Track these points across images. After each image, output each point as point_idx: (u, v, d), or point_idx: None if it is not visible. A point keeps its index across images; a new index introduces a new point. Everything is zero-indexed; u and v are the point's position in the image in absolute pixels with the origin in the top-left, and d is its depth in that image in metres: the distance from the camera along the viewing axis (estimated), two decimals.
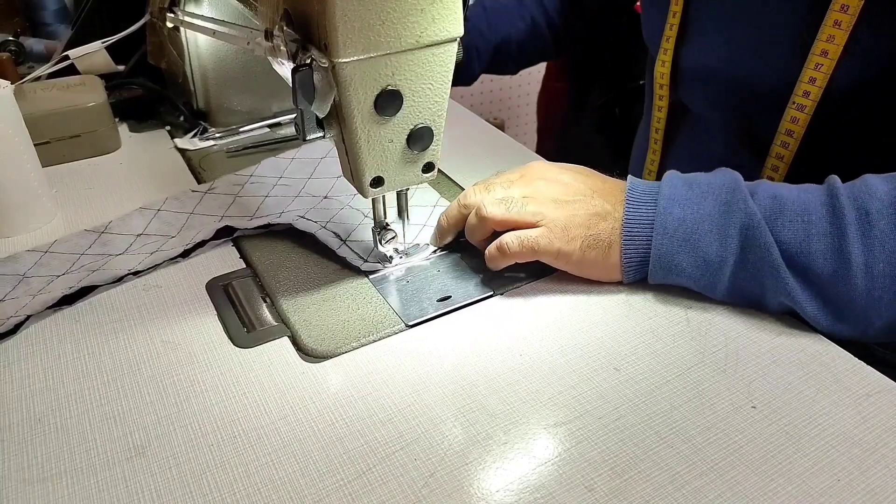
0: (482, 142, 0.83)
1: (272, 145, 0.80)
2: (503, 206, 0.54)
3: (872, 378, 0.46)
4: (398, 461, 0.41)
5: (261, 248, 0.61)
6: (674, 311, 0.52)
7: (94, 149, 0.79)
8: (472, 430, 0.43)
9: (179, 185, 0.73)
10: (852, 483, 0.39)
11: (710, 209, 0.50)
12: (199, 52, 0.80)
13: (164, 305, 0.55)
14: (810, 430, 0.43)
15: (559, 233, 0.52)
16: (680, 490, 0.39)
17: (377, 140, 0.48)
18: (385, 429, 0.43)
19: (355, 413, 0.44)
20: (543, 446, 0.42)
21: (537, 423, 0.43)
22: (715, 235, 0.49)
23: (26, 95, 0.76)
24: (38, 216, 0.66)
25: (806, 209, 0.48)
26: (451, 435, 0.43)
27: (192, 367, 0.48)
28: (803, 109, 0.60)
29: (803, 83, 0.59)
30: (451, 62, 0.48)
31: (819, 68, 0.57)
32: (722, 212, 0.49)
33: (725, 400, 0.45)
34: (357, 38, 0.43)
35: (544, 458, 0.41)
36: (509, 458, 0.41)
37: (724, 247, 0.49)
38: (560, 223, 0.52)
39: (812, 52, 0.58)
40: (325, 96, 0.46)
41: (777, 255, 0.47)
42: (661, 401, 0.45)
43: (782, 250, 0.47)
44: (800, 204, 0.48)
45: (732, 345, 0.49)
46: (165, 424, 0.44)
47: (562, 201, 0.53)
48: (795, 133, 0.61)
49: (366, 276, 0.57)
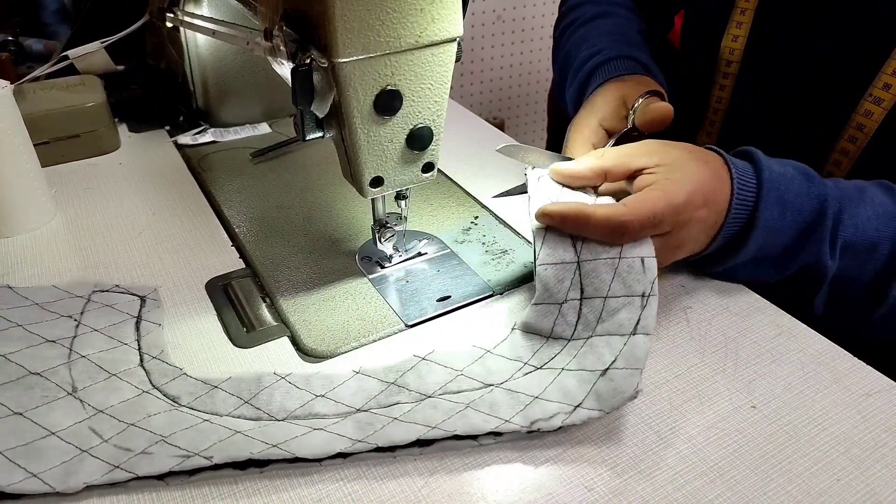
0: (482, 141, 0.83)
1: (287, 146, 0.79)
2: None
3: (872, 378, 0.46)
4: (398, 461, 0.41)
5: (261, 248, 0.61)
6: (674, 311, 0.52)
7: (94, 149, 0.79)
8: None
9: (179, 184, 0.73)
10: (852, 483, 0.39)
11: (787, 239, 0.51)
12: (199, 52, 0.80)
13: (164, 305, 0.55)
14: (810, 429, 0.43)
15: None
16: (680, 490, 0.39)
17: (377, 140, 0.48)
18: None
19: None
20: (543, 446, 0.42)
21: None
22: (778, 266, 0.52)
23: (26, 95, 0.76)
24: (38, 216, 0.66)
25: (874, 244, 0.50)
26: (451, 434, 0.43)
27: (192, 367, 0.48)
28: (880, 103, 0.57)
29: (885, 75, 0.56)
30: (451, 62, 0.48)
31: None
32: (796, 243, 0.51)
33: (725, 400, 0.45)
34: (356, 38, 0.43)
35: (544, 457, 0.41)
36: (509, 457, 0.41)
37: (780, 274, 0.53)
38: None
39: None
40: (325, 96, 0.46)
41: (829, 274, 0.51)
42: (661, 400, 0.45)
43: (837, 275, 0.51)
44: (870, 238, 0.50)
45: (732, 345, 0.49)
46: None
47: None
48: (867, 128, 0.58)
49: (365, 276, 0.57)
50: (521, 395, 0.44)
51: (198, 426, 0.43)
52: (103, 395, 0.45)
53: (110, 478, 0.39)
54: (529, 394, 0.44)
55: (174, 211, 0.68)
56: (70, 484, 0.39)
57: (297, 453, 0.40)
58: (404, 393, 0.45)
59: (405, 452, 0.41)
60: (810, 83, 0.63)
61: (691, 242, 0.50)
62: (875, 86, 0.57)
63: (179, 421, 0.43)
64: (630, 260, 0.47)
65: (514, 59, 2.10)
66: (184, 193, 0.71)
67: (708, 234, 0.50)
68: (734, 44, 0.69)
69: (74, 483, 0.39)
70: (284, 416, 0.44)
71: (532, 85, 2.17)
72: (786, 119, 0.67)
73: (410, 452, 0.41)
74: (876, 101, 0.57)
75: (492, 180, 0.73)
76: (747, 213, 0.50)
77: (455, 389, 0.45)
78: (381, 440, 0.41)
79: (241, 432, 0.42)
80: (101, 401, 0.45)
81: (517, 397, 0.44)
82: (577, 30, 0.80)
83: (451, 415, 0.42)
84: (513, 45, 2.07)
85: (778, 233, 0.50)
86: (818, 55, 0.62)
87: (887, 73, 0.56)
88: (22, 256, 0.61)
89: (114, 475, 0.39)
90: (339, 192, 0.70)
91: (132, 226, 0.66)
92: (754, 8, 0.66)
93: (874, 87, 0.57)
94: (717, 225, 0.50)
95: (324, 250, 0.61)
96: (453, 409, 0.43)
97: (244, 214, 0.66)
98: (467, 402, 0.44)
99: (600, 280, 0.47)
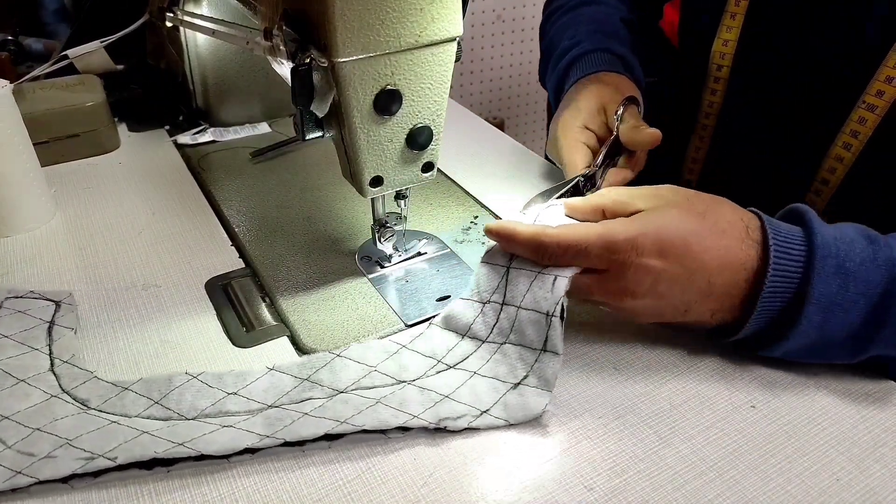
0: (481, 141, 0.83)
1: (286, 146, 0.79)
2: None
3: (871, 378, 0.46)
4: (397, 461, 0.41)
5: (260, 247, 0.61)
6: None
7: (93, 148, 0.79)
8: (472, 429, 0.43)
9: (178, 184, 0.73)
10: (852, 483, 0.39)
11: (856, 318, 0.43)
12: (199, 52, 0.80)
13: (163, 305, 0.55)
14: (810, 429, 0.43)
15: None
16: (679, 490, 0.39)
17: (376, 139, 0.48)
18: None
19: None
20: (543, 445, 0.42)
21: (537, 423, 0.43)
22: (850, 350, 0.45)
23: (25, 95, 0.76)
24: (37, 216, 0.66)
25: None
26: (451, 434, 0.43)
27: (192, 367, 0.48)
28: (874, 110, 0.55)
29: (878, 82, 0.55)
30: (451, 61, 0.48)
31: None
32: (870, 322, 0.43)
33: (725, 399, 0.45)
34: (356, 38, 0.43)
35: (544, 457, 0.41)
36: (509, 457, 0.41)
37: (854, 356, 0.45)
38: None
39: (894, 50, 0.54)
40: (325, 96, 0.46)
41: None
42: (661, 400, 0.45)
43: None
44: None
45: (732, 344, 0.49)
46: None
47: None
48: (861, 134, 0.56)
49: (365, 275, 0.57)
50: (431, 394, 0.45)
51: (105, 428, 0.42)
52: (10, 402, 0.44)
53: (12, 483, 0.39)
54: (440, 392, 0.45)
55: (174, 210, 0.68)
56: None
57: (203, 451, 0.40)
58: (317, 389, 0.45)
59: (314, 446, 0.42)
60: (802, 89, 0.63)
61: (655, 297, 0.45)
62: (868, 92, 0.56)
63: (87, 424, 0.43)
64: (545, 277, 0.45)
65: (514, 59, 2.10)
66: (183, 193, 0.71)
67: (690, 294, 0.44)
68: (725, 48, 0.68)
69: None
70: (195, 414, 0.44)
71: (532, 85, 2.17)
72: (778, 125, 0.66)
73: (319, 446, 0.42)
74: (870, 107, 0.56)
75: (492, 180, 0.73)
76: (793, 285, 0.43)
77: (368, 385, 0.46)
78: (288, 435, 0.41)
79: (149, 432, 0.41)
80: (7, 407, 0.44)
81: (428, 395, 0.44)
82: (562, 17, 0.81)
83: (362, 409, 0.43)
84: (513, 45, 2.07)
85: (841, 309, 0.43)
86: (809, 61, 0.61)
87: (880, 80, 0.55)
88: (21, 256, 0.61)
89: (15, 481, 0.39)
90: (338, 191, 0.70)
91: (132, 225, 0.66)
92: (744, 13, 0.66)
93: (867, 93, 0.56)
94: (712, 287, 0.44)
95: (323, 250, 0.61)
96: (364, 403, 0.44)
97: (244, 214, 0.66)
98: (378, 397, 0.44)
99: (517, 290, 0.46)
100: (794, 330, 0.43)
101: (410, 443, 0.42)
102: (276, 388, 0.45)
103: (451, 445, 0.42)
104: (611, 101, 0.63)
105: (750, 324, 0.44)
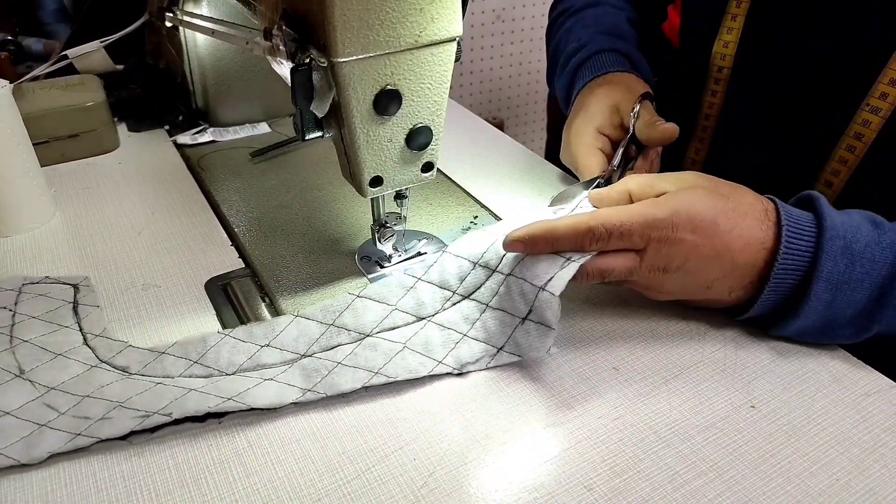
0: (481, 141, 0.83)
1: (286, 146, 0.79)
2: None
3: (871, 378, 0.46)
4: (397, 461, 0.41)
5: (260, 247, 0.61)
6: (673, 311, 0.52)
7: (93, 148, 0.79)
8: (472, 429, 0.43)
9: (178, 184, 0.73)
10: (851, 483, 0.39)
11: (862, 297, 0.45)
12: (198, 52, 0.80)
13: (163, 305, 0.55)
14: (809, 429, 0.43)
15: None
16: (679, 490, 0.39)
17: (376, 139, 0.48)
18: (384, 428, 0.43)
19: (354, 412, 0.44)
20: (542, 446, 0.42)
21: (536, 423, 0.43)
22: (855, 329, 0.47)
23: (25, 95, 0.76)
24: (37, 216, 0.66)
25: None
26: (451, 434, 0.43)
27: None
28: (878, 112, 0.55)
29: (882, 84, 0.55)
30: (451, 61, 0.48)
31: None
32: (875, 300, 0.45)
33: (724, 399, 0.45)
34: (356, 38, 0.43)
35: (543, 457, 0.41)
36: (508, 457, 0.41)
37: (859, 335, 0.47)
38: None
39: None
40: (324, 96, 0.46)
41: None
42: (661, 400, 0.45)
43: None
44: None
45: (731, 344, 0.49)
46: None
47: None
48: (865, 137, 0.56)
49: (365, 275, 0.57)
50: (451, 333, 0.49)
51: (152, 389, 0.44)
52: (52, 374, 0.46)
53: (74, 444, 0.41)
54: (459, 331, 0.49)
55: (173, 210, 0.68)
56: (34, 455, 0.40)
57: (252, 405, 0.43)
58: (343, 333, 0.48)
59: (354, 395, 0.45)
60: (803, 90, 0.63)
61: (684, 272, 0.47)
62: (872, 95, 0.56)
63: (133, 387, 0.45)
64: (558, 258, 0.46)
65: (513, 59, 2.10)
66: (183, 193, 0.71)
67: (715, 271, 0.47)
68: (725, 50, 0.68)
69: (38, 454, 0.40)
70: (234, 370, 0.46)
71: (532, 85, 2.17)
72: (779, 126, 0.66)
73: (358, 394, 0.45)
74: (873, 110, 0.56)
75: (491, 180, 0.73)
76: (804, 262, 0.45)
77: (390, 325, 0.49)
78: (328, 389, 0.44)
79: (195, 389, 0.44)
80: (50, 379, 0.46)
81: (448, 335, 0.48)
82: (567, 20, 0.81)
83: (391, 356, 0.46)
84: (512, 45, 2.07)
85: (848, 288, 0.45)
86: (810, 62, 0.61)
87: (884, 83, 0.55)
88: (21, 256, 0.61)
89: (77, 442, 0.41)
90: (338, 191, 0.70)
91: (131, 225, 0.66)
92: (745, 15, 0.66)
93: (871, 96, 0.56)
94: (735, 266, 0.46)
95: (323, 250, 0.61)
96: (392, 349, 0.47)
97: (243, 214, 0.66)
98: (403, 340, 0.48)
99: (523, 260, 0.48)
100: (805, 307, 0.45)
101: (411, 442, 0.42)
102: (305, 337, 0.48)
103: (451, 445, 0.42)
104: (623, 101, 0.63)
105: (763, 299, 0.47)
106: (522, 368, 0.47)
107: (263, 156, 0.78)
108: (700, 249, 0.46)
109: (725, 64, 0.69)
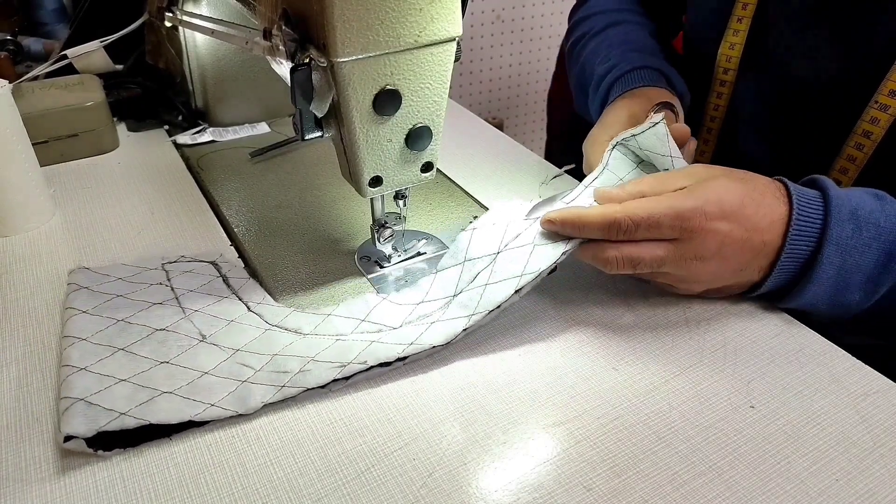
0: (481, 141, 0.83)
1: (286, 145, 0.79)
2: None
3: (871, 378, 0.46)
4: (396, 461, 0.41)
5: (259, 247, 0.61)
6: (673, 310, 0.52)
7: (93, 148, 0.79)
8: (471, 429, 0.43)
9: (178, 184, 0.73)
10: (851, 483, 0.39)
11: (870, 261, 0.48)
12: (198, 52, 0.80)
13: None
14: (809, 429, 0.43)
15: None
16: (678, 490, 0.39)
17: (376, 139, 0.48)
18: (383, 428, 0.43)
19: (353, 412, 0.44)
20: (542, 446, 0.42)
21: (536, 423, 0.43)
22: (863, 293, 0.49)
23: (24, 95, 0.76)
24: (37, 215, 0.66)
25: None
26: (450, 434, 0.43)
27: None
28: (886, 110, 0.56)
29: (891, 82, 0.55)
30: (450, 61, 0.48)
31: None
32: (882, 264, 0.48)
33: (724, 400, 0.45)
34: (356, 38, 0.43)
35: (543, 457, 0.41)
36: (508, 457, 0.41)
37: (868, 299, 0.49)
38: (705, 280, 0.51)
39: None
40: (324, 96, 0.46)
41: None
42: (660, 400, 0.45)
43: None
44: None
45: (731, 344, 0.49)
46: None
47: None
48: (874, 135, 0.57)
49: (364, 275, 0.57)
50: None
51: (334, 345, 0.48)
52: (233, 338, 0.49)
53: (282, 394, 0.44)
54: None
55: (173, 210, 0.68)
56: (250, 405, 0.43)
57: (433, 343, 0.47)
58: (478, 262, 0.51)
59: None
60: (810, 90, 0.63)
61: (720, 259, 0.48)
62: (880, 93, 0.56)
63: (316, 344, 0.48)
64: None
65: (513, 59, 2.10)
66: (183, 193, 0.71)
67: (748, 254, 0.48)
68: (731, 51, 0.69)
69: (253, 404, 0.43)
70: (399, 323, 0.50)
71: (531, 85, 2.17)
72: (785, 126, 0.66)
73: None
74: (882, 107, 0.56)
75: (491, 180, 0.73)
76: (815, 227, 0.48)
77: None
78: (488, 306, 0.48)
79: (376, 341, 0.48)
80: (233, 342, 0.48)
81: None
82: (590, 42, 0.80)
83: (527, 258, 0.50)
84: (512, 45, 2.07)
85: (857, 252, 0.47)
86: (818, 63, 0.61)
87: (893, 80, 0.55)
88: (20, 256, 0.61)
89: (284, 392, 0.44)
90: (338, 191, 0.70)
91: (131, 225, 0.66)
92: (751, 16, 0.66)
93: (879, 93, 0.56)
94: (764, 245, 0.48)
95: (323, 250, 0.61)
96: (526, 252, 0.50)
97: (243, 214, 0.66)
98: (533, 242, 0.51)
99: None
100: (817, 271, 0.48)
101: (410, 442, 0.42)
102: (450, 281, 0.52)
103: (451, 445, 0.42)
104: (640, 111, 0.62)
105: (779, 268, 0.49)
106: (522, 368, 0.47)
107: (263, 156, 0.78)
108: (733, 234, 0.47)
109: (731, 66, 0.69)
